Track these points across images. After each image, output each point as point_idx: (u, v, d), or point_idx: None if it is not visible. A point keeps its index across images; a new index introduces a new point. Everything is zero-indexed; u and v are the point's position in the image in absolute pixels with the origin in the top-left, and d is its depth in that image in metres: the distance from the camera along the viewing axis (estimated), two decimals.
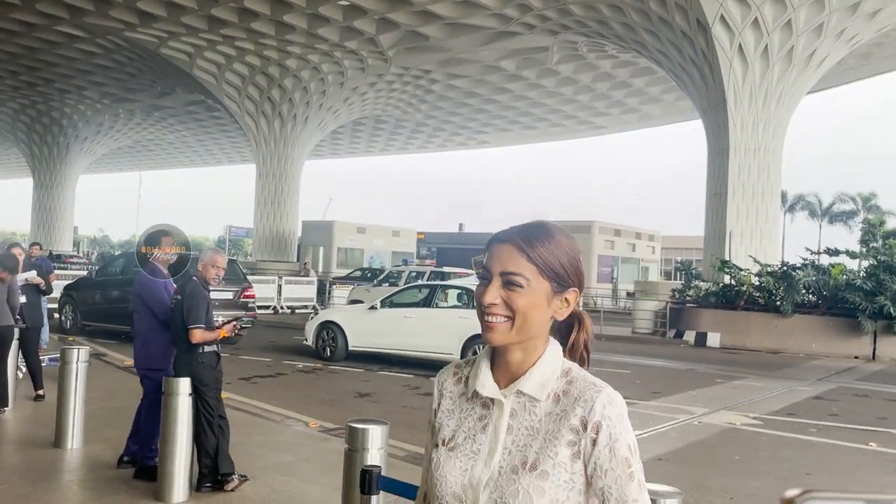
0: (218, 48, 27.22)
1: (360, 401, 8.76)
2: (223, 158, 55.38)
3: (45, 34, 25.82)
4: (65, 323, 14.50)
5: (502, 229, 1.33)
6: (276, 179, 32.25)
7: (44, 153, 38.63)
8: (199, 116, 38.75)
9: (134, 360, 5.37)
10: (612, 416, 1.22)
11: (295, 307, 23.20)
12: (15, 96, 35.10)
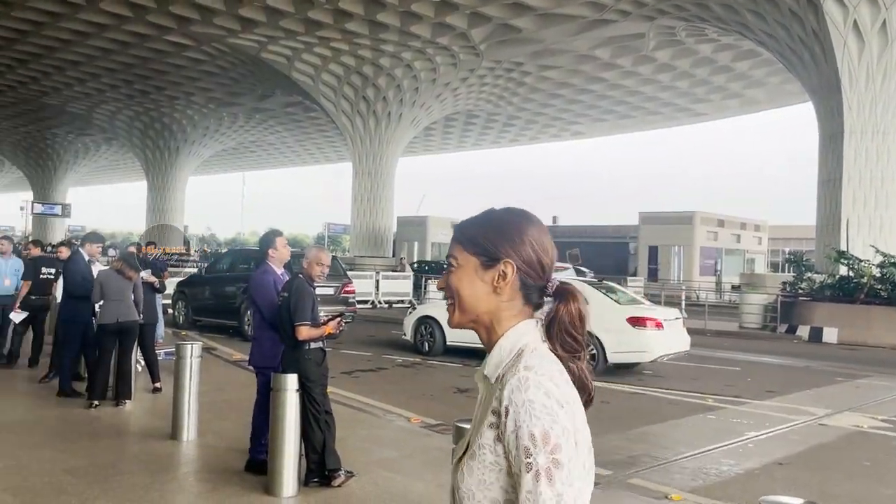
0: (315, 50, 27.89)
1: (460, 396, 8.73)
2: (320, 158, 56.87)
3: (155, 44, 27.20)
4: (178, 318, 15.21)
5: None
6: (371, 177, 32.79)
7: (156, 157, 40.81)
8: (298, 117, 39.90)
9: (249, 358, 5.53)
10: (518, 403, 1.17)
11: (392, 302, 23.52)
12: (130, 104, 37.21)
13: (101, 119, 39.63)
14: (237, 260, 15.24)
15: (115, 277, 7.21)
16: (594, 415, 1.27)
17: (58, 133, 45.67)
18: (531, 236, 1.31)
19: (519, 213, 1.35)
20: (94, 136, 45.48)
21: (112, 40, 26.85)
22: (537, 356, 1.23)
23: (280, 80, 30.64)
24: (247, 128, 41.61)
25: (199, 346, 6.22)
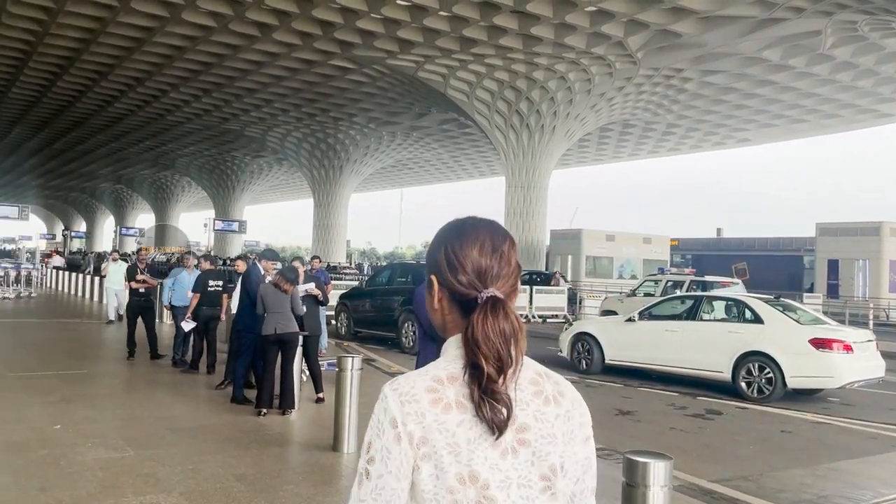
0: (469, 67, 28.26)
1: (622, 419, 8.30)
2: (474, 172, 57.58)
3: (321, 69, 28.75)
4: (340, 329, 15.81)
5: None
6: (524, 190, 32.65)
7: (322, 175, 43.12)
8: (453, 134, 40.62)
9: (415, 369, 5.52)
10: None
11: (546, 316, 23.17)
12: (299, 127, 39.62)
13: (273, 141, 42.49)
14: (396, 273, 15.61)
15: (273, 291, 7.52)
16: (775, 445, 1.02)
17: (237, 155, 49.53)
18: (451, 247, 1.28)
19: (451, 225, 1.34)
20: (268, 158, 48.86)
21: (283, 67, 28.68)
22: (415, 373, 1.22)
23: (436, 97, 31.32)
24: (404, 145, 42.94)
25: (359, 359, 6.31)
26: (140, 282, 11.03)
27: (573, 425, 1.23)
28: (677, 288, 18.38)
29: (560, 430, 1.21)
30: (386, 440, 1.16)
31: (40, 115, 39.44)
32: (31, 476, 4.96)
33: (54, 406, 7.28)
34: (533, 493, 1.18)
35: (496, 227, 1.34)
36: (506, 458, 1.17)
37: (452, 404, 1.17)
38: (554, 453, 1.19)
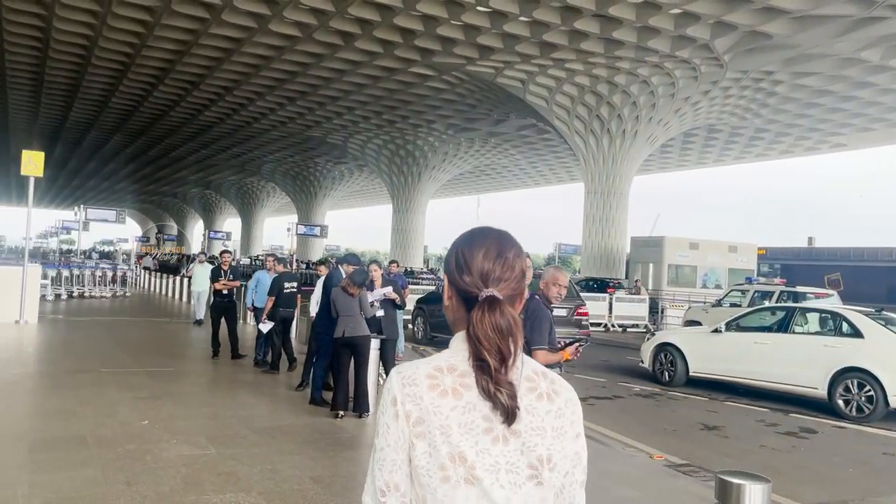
0: (549, 72, 27.98)
1: (708, 434, 7.95)
2: (552, 178, 57.03)
3: (401, 76, 29.06)
4: (416, 333, 15.86)
5: None
6: (604, 196, 32.06)
7: (400, 181, 43.59)
8: (531, 140, 40.33)
9: None
10: None
11: (626, 325, 22.63)
12: (379, 134, 40.20)
13: (354, 148, 43.26)
14: None
15: (342, 295, 7.55)
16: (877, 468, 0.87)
17: (319, 162, 50.69)
18: (461, 251, 1.42)
19: (466, 232, 1.47)
20: (348, 164, 49.79)
21: (365, 75, 29.15)
22: (421, 361, 1.36)
23: (515, 103, 31.17)
24: (482, 152, 42.92)
25: None
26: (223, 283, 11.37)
27: (564, 422, 1.33)
28: (766, 299, 17.59)
29: (550, 424, 1.32)
30: (387, 417, 1.32)
31: (137, 124, 41.45)
32: (118, 470, 5.12)
33: (143, 402, 7.54)
34: (520, 479, 1.29)
35: (505, 236, 1.47)
36: (496, 445, 1.28)
37: (448, 391, 1.30)
38: (542, 445, 1.30)
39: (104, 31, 25.03)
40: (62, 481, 4.81)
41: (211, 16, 23.21)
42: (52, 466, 5.14)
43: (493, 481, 1.27)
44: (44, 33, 25.65)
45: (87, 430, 6.15)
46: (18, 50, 27.97)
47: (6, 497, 4.47)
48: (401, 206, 44.15)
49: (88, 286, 23.30)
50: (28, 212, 15.39)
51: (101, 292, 23.70)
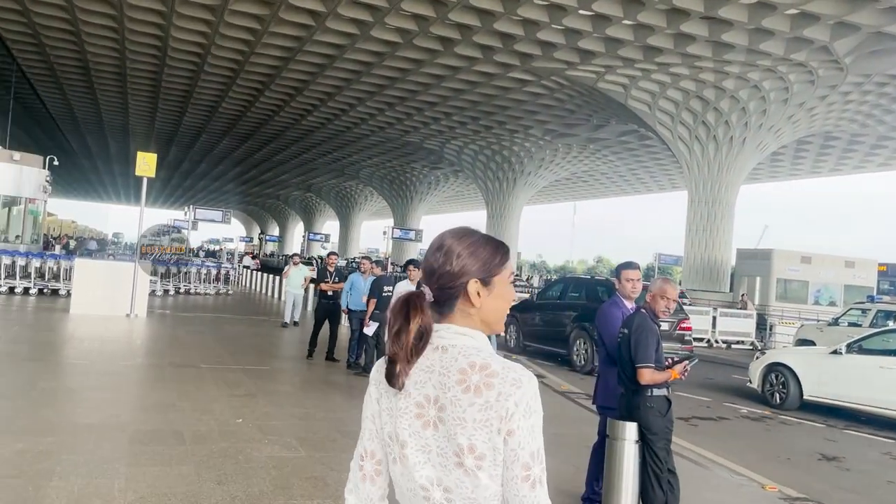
0: (652, 77, 27.13)
1: (826, 465, 7.31)
2: (653, 186, 55.41)
3: (500, 82, 28.89)
4: (509, 342, 15.60)
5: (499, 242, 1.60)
6: (708, 205, 30.76)
7: (495, 187, 43.42)
8: (632, 146, 39.29)
9: (593, 396, 5.16)
10: None
11: (731, 342, 21.56)
12: (475, 139, 40.19)
13: (450, 153, 43.44)
14: (569, 288, 15.13)
15: None
16: None
17: (415, 167, 51.23)
18: None
19: None
20: (444, 170, 50.06)
21: (463, 81, 29.16)
22: None
23: (615, 108, 30.41)
24: (580, 158, 42.16)
25: None
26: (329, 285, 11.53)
27: (490, 415, 1.37)
28: (890, 319, 16.27)
29: (472, 416, 1.37)
30: (367, 393, 1.57)
31: (244, 129, 43.13)
32: (210, 468, 5.14)
33: (239, 400, 7.64)
34: (449, 463, 1.39)
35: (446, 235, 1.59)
36: (427, 429, 1.41)
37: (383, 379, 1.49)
38: (462, 435, 1.37)
39: (216, 40, 26.11)
40: (157, 476, 4.86)
41: (316, 23, 23.78)
42: (149, 460, 5.22)
43: (424, 461, 1.41)
44: (161, 42, 27.01)
45: (184, 426, 6.26)
46: (139, 59, 29.61)
47: (104, 488, 4.55)
48: (495, 211, 43.95)
49: (194, 283, 24.31)
50: (140, 211, 16.14)
51: (206, 289, 24.68)
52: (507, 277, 1.56)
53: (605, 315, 4.89)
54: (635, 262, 5.12)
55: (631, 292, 4.97)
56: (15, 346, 10.15)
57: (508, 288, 1.56)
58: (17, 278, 18.51)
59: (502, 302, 1.54)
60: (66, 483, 4.59)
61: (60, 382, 7.86)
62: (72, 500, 4.31)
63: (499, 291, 1.52)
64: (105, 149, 58.03)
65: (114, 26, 25.77)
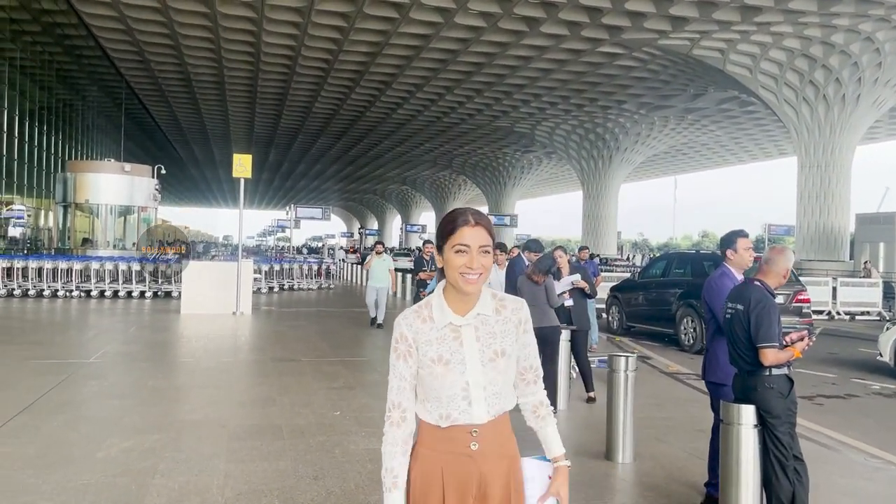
0: (752, 38, 25.60)
1: None
2: (758, 154, 52.65)
3: (589, 57, 28.06)
4: (611, 323, 15.10)
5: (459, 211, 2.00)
6: (821, 170, 28.82)
7: (590, 166, 42.39)
8: (732, 113, 37.40)
9: (702, 372, 4.75)
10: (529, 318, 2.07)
11: (854, 313, 20.12)
12: (567, 119, 39.34)
13: (542, 135, 42.73)
14: (672, 264, 14.46)
15: (528, 283, 7.12)
16: None
17: (507, 152, 50.76)
18: None
19: None
20: (537, 152, 49.35)
21: (551, 60, 28.51)
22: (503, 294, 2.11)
23: (713, 75, 28.94)
24: (678, 130, 40.53)
25: (633, 359, 5.64)
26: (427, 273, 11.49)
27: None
28: None
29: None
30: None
31: (338, 126, 43.99)
32: (307, 463, 5.10)
33: (337, 392, 7.65)
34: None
35: None
36: None
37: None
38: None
39: (305, 41, 26.63)
40: (255, 472, 4.86)
41: (400, 15, 23.80)
42: (248, 456, 5.24)
43: None
44: (254, 48, 27.82)
45: (283, 420, 6.29)
46: (234, 66, 30.65)
47: (203, 485, 4.58)
48: (591, 191, 42.94)
49: (297, 279, 24.98)
50: (240, 212, 16.63)
51: (308, 285, 25.31)
52: (451, 246, 1.93)
53: (716, 287, 4.49)
54: (742, 230, 4.69)
55: (749, 262, 4.55)
56: (128, 347, 10.62)
57: (450, 255, 1.93)
58: (133, 283, 19.55)
59: (448, 266, 1.94)
60: (167, 480, 4.65)
61: (168, 381, 8.12)
62: (172, 497, 4.35)
63: (446, 257, 1.95)
64: (210, 156, 60.72)
65: (210, 37, 26.74)
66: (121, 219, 25.42)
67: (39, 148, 37.51)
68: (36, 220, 37.18)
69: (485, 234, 1.95)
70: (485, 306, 1.98)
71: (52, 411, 6.43)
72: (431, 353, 1.94)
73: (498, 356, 1.95)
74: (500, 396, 1.96)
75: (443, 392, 1.93)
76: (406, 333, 1.97)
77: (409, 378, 1.98)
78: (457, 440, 1.93)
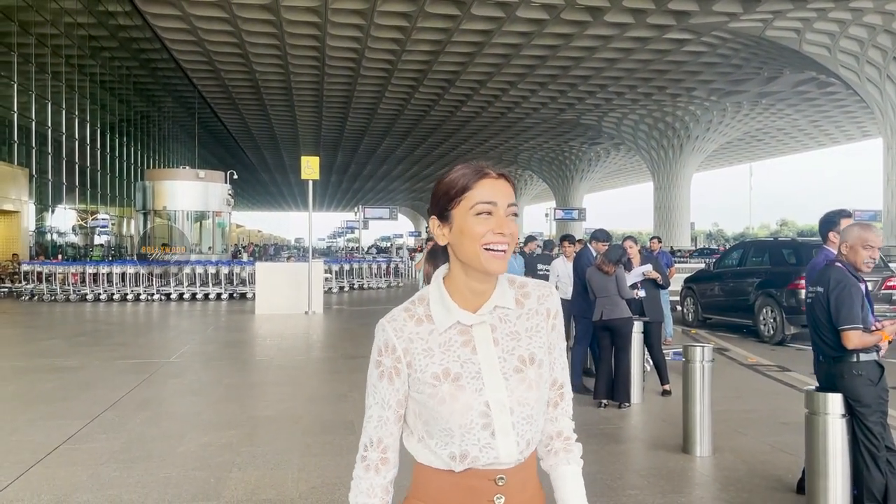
0: (830, 15, 24.47)
1: None
2: (839, 137, 50.33)
3: (656, 45, 27.40)
4: (686, 315, 14.70)
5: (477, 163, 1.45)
6: None
7: (661, 156, 41.40)
8: (810, 95, 35.85)
9: None
10: (560, 308, 1.52)
11: None
12: (635, 109, 38.54)
13: (609, 126, 42.00)
14: (749, 253, 13.96)
15: (597, 274, 6.98)
16: None
17: (573, 145, 50.14)
18: None
19: None
20: (604, 144, 48.56)
21: (616, 49, 27.98)
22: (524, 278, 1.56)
23: (788, 57, 27.81)
24: (752, 115, 39.14)
25: (709, 349, 5.44)
26: None
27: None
28: None
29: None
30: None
31: (403, 126, 44.37)
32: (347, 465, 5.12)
33: None
34: None
35: None
36: None
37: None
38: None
39: (369, 43, 26.94)
40: (327, 466, 4.91)
41: (461, 11, 23.79)
42: (321, 451, 5.30)
43: None
44: (319, 52, 28.31)
45: (354, 415, 6.35)
46: (301, 72, 31.28)
47: (279, 478, 4.66)
48: (662, 181, 41.93)
49: (366, 278, 25.29)
50: (309, 213, 16.95)
51: (378, 284, 25.60)
52: (468, 208, 1.38)
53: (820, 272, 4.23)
54: (846, 210, 4.39)
55: None
56: (206, 346, 10.96)
57: (467, 221, 1.38)
58: (210, 285, 20.19)
59: (463, 238, 1.39)
60: (244, 474, 4.75)
61: (244, 378, 8.33)
62: (248, 490, 4.44)
63: (458, 225, 1.40)
64: (280, 160, 62.21)
65: (276, 44, 27.37)
66: (196, 224, 26.28)
67: (120, 159, 39.21)
68: (119, 228, 38.88)
69: (510, 190, 1.45)
70: (503, 297, 1.45)
71: (136, 408, 6.68)
72: (433, 367, 1.40)
73: (525, 365, 1.42)
74: (533, 422, 1.42)
75: (453, 421, 1.37)
76: (393, 341, 1.42)
77: (394, 405, 1.45)
78: (476, 492, 1.37)
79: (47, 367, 8.96)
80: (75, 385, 7.80)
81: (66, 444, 5.45)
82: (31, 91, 27.54)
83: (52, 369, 8.77)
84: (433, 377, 1.38)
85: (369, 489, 1.46)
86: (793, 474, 4.64)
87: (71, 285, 19.93)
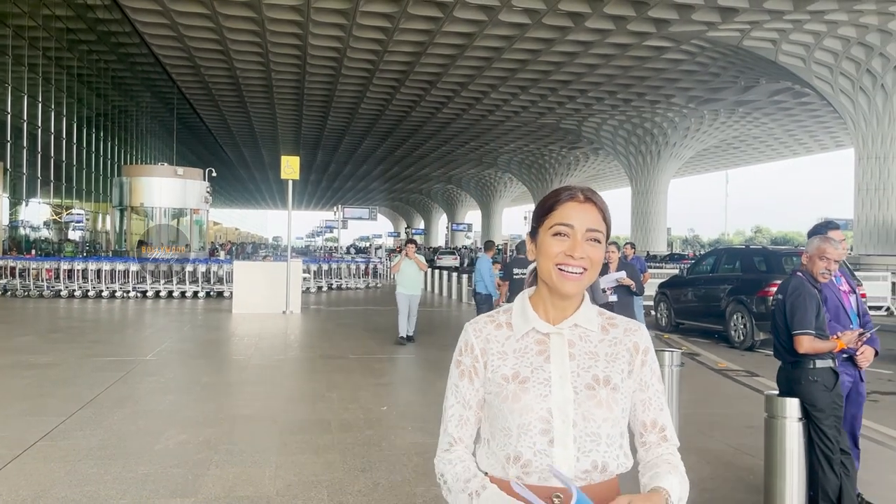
0: (805, 27, 24.95)
1: None
2: (813, 146, 51.22)
3: (635, 52, 27.74)
4: (660, 320, 14.93)
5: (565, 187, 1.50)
6: (879, 161, 27.91)
7: (639, 162, 41.85)
8: (785, 105, 36.48)
9: None
10: (651, 346, 1.52)
11: None
12: (614, 114, 38.94)
13: (588, 131, 42.37)
14: (721, 260, 14.24)
15: None
16: None
17: (553, 149, 50.50)
18: None
19: None
20: (583, 148, 48.96)
21: (596, 55, 28.28)
22: None
23: (764, 67, 28.30)
24: (728, 123, 39.74)
25: (678, 354, 5.60)
26: None
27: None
28: None
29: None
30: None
31: (384, 127, 44.39)
32: (355, 456, 5.23)
33: (384, 388, 7.78)
34: None
35: None
36: None
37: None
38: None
39: (351, 43, 26.97)
40: (305, 464, 5.01)
41: (444, 14, 23.92)
42: (298, 449, 5.39)
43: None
44: (301, 51, 28.28)
45: (331, 415, 6.44)
46: (282, 69, 31.21)
47: (256, 476, 4.74)
48: (640, 187, 42.41)
49: (344, 278, 25.32)
50: (289, 213, 16.97)
51: (356, 284, 25.63)
52: (548, 228, 1.46)
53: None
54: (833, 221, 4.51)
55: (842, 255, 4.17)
56: (183, 345, 10.97)
57: (545, 240, 1.46)
58: (187, 283, 20.11)
59: (541, 255, 1.47)
60: (221, 471, 4.83)
61: (221, 377, 8.37)
62: (226, 487, 4.52)
63: (539, 243, 1.49)
64: (259, 158, 61.93)
65: (258, 42, 27.30)
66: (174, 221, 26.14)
67: (97, 153, 38.82)
68: (94, 224, 38.49)
69: (597, 215, 1.45)
70: (586, 317, 1.48)
71: (113, 405, 6.71)
72: (504, 369, 1.44)
73: (599, 384, 1.41)
74: (600, 442, 1.38)
75: (512, 420, 1.39)
76: (472, 341, 1.48)
77: (474, 406, 1.47)
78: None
79: (22, 363, 8.94)
80: (51, 382, 7.80)
81: (43, 441, 5.48)
82: (6, 83, 27.21)
83: (28, 366, 8.75)
84: (503, 378, 1.43)
85: (465, 470, 1.44)
86: (754, 475, 4.82)
87: (45, 281, 19.75)
